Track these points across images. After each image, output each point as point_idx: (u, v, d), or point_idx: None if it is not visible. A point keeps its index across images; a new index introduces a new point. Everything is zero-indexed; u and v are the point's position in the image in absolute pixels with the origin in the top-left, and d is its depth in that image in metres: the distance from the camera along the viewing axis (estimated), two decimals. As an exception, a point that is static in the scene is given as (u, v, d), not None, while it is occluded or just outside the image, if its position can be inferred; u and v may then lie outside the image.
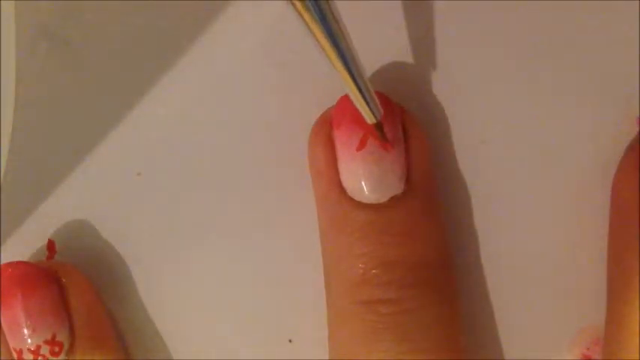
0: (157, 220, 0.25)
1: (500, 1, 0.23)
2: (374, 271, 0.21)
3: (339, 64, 0.19)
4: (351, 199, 0.22)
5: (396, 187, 0.22)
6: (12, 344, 0.23)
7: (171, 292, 0.25)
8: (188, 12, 0.24)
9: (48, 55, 0.24)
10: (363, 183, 0.21)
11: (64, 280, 0.23)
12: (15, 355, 0.23)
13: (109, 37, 0.24)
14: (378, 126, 0.21)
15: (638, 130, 0.23)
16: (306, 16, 0.18)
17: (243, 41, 0.24)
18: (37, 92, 0.24)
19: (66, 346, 0.23)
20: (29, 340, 0.23)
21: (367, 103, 0.20)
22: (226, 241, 0.24)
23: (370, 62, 0.23)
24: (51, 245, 0.25)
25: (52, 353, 0.23)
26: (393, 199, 0.22)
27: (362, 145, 0.21)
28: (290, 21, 0.23)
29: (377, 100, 0.20)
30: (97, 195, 0.25)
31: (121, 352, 0.24)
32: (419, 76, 0.23)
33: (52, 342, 0.23)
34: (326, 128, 0.22)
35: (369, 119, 0.21)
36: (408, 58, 0.23)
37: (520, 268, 0.24)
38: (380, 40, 0.23)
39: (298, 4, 0.18)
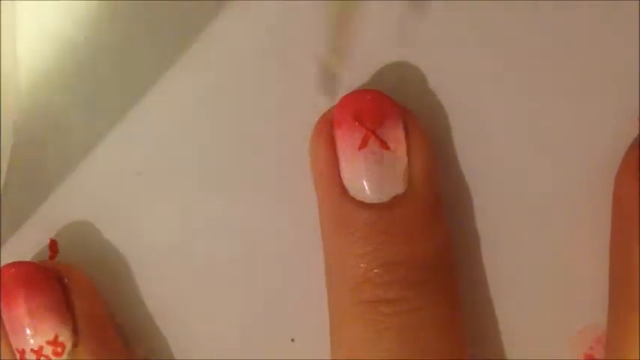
0: (158, 220, 0.25)
1: (500, 1, 0.23)
2: (376, 270, 0.21)
3: None
4: (353, 199, 0.22)
5: (397, 187, 0.22)
6: (14, 344, 0.23)
7: (172, 291, 0.25)
8: (188, 12, 0.24)
9: (48, 55, 0.24)
10: (364, 182, 0.21)
11: (66, 281, 0.23)
12: (17, 356, 0.23)
13: (109, 37, 0.24)
14: None
15: (638, 130, 0.23)
16: None
17: (243, 41, 0.24)
18: (37, 92, 0.24)
19: (68, 347, 0.23)
20: (32, 341, 0.22)
21: None
22: (227, 241, 0.24)
23: (370, 62, 0.23)
24: (53, 245, 0.25)
25: (55, 354, 0.23)
26: (395, 199, 0.22)
27: (363, 144, 0.21)
28: (291, 20, 0.23)
29: None
30: (97, 195, 0.25)
31: (123, 352, 0.24)
32: (419, 76, 0.23)
33: (54, 342, 0.23)
34: (327, 128, 0.22)
35: None
36: (408, 58, 0.23)
37: (521, 268, 0.24)
38: (380, 40, 0.23)
39: None
